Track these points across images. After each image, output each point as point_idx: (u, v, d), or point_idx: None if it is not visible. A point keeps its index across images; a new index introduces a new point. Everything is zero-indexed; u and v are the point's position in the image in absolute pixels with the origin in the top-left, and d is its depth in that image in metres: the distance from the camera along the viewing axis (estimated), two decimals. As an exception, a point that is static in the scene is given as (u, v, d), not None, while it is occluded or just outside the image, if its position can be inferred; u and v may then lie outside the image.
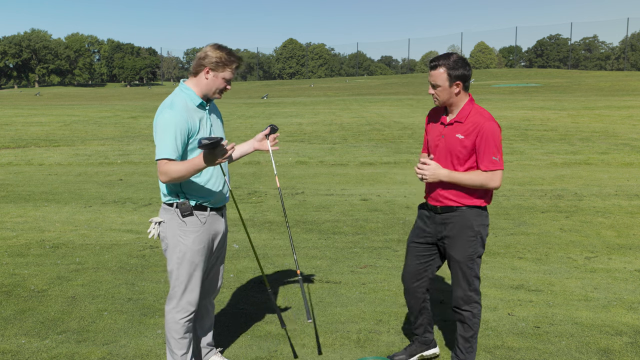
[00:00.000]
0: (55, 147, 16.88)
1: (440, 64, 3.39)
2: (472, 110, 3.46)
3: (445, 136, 3.51)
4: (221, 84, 3.37)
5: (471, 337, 3.62)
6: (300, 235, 7.08)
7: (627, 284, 5.32)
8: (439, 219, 3.60)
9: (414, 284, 3.79)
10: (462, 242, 3.52)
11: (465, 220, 3.51)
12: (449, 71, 3.37)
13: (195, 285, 3.47)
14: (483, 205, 3.55)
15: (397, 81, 68.35)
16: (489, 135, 3.38)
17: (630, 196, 9.16)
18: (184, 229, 3.40)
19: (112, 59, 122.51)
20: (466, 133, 3.42)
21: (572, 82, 53.63)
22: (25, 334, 4.35)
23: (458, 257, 3.54)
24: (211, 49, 3.34)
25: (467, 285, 3.57)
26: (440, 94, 3.44)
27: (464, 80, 3.42)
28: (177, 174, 3.20)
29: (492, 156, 3.40)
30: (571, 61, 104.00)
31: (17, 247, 6.59)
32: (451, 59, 3.39)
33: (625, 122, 20.81)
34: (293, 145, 16.65)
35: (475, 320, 3.60)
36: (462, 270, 3.56)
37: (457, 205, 3.51)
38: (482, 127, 3.38)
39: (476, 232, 3.53)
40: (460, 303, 3.59)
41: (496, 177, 3.43)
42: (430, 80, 3.45)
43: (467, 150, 3.43)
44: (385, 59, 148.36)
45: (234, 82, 37.34)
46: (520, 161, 13.24)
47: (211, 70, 3.33)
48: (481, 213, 3.55)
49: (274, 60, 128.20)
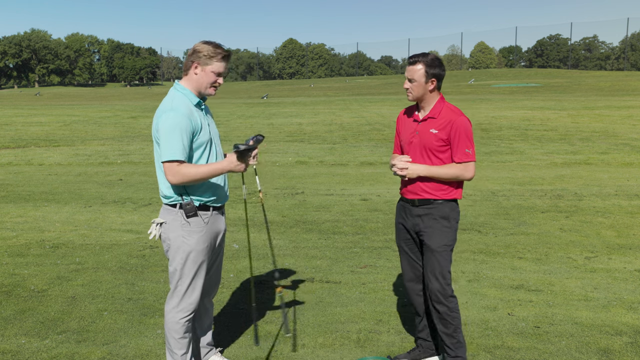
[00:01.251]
0: (55, 147, 16.88)
1: (419, 60, 3.58)
2: (444, 107, 3.63)
3: (420, 132, 3.64)
4: (211, 78, 3.38)
5: (454, 332, 3.66)
6: (300, 235, 7.08)
7: (627, 284, 5.32)
8: (415, 211, 3.70)
9: (413, 285, 3.86)
10: (438, 231, 3.64)
11: (441, 212, 3.65)
12: (426, 68, 3.56)
13: (197, 285, 3.49)
14: (458, 198, 3.71)
15: (397, 81, 68.32)
16: (461, 130, 3.54)
17: (630, 196, 9.16)
18: (188, 229, 3.41)
19: (112, 59, 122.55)
20: (440, 127, 3.57)
21: (572, 82, 53.63)
22: (25, 334, 4.35)
23: (434, 246, 3.62)
24: (198, 44, 3.37)
25: (443, 278, 3.64)
26: (415, 88, 3.60)
27: (439, 79, 3.61)
28: (195, 177, 3.25)
29: (465, 148, 3.56)
30: (571, 61, 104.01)
31: (17, 247, 6.59)
32: (429, 57, 3.60)
33: (625, 122, 20.81)
34: (293, 145, 16.65)
35: (453, 315, 3.65)
36: (437, 261, 3.63)
37: (434, 199, 3.63)
38: (455, 122, 3.54)
39: (451, 224, 3.67)
40: (438, 297, 3.64)
41: (469, 168, 3.58)
42: (407, 75, 3.63)
43: (442, 143, 3.58)
44: (385, 59, 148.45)
45: (234, 82, 37.05)
46: (520, 161, 13.25)
47: (199, 65, 3.35)
48: (455, 207, 3.71)
49: (274, 60, 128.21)
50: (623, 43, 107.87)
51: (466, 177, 3.59)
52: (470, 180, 3.61)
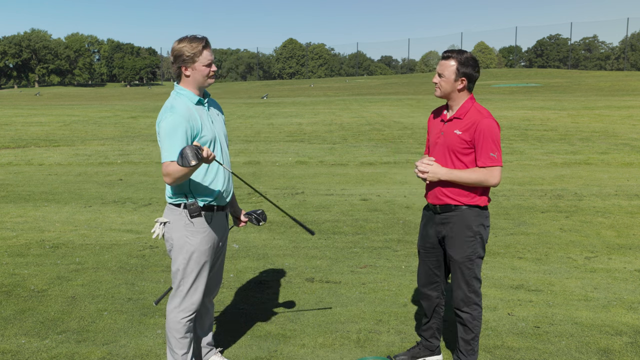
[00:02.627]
0: (55, 147, 16.88)
1: (453, 56, 3.45)
2: (472, 108, 3.48)
3: (445, 133, 3.53)
4: (204, 71, 3.35)
5: (472, 340, 3.61)
6: (300, 235, 7.08)
7: (627, 284, 5.32)
8: (438, 219, 3.61)
9: (427, 289, 3.83)
10: (460, 242, 3.52)
11: (464, 220, 3.50)
12: (458, 65, 3.42)
13: (200, 285, 3.49)
14: (483, 205, 3.54)
15: (397, 81, 68.34)
16: (486, 132, 3.38)
17: (630, 196, 9.16)
18: (192, 229, 3.41)
19: (112, 59, 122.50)
20: (464, 129, 3.43)
21: (572, 82, 53.63)
22: (25, 334, 4.35)
23: (457, 257, 3.54)
24: (175, 48, 3.32)
25: (467, 286, 3.56)
26: (444, 84, 3.48)
27: (470, 80, 3.46)
28: (177, 174, 3.21)
29: (490, 152, 3.39)
30: (571, 61, 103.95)
31: (17, 247, 6.59)
32: (464, 55, 3.45)
33: (625, 122, 20.81)
34: (293, 145, 16.65)
35: (475, 323, 3.60)
36: (461, 271, 3.56)
37: (456, 204, 3.51)
38: (480, 124, 3.39)
39: (475, 233, 3.52)
40: (460, 304, 3.60)
41: (495, 174, 3.41)
42: (438, 69, 3.51)
43: (466, 145, 3.43)
44: (385, 59, 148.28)
45: (234, 82, 37.09)
46: (520, 161, 13.25)
47: (188, 66, 3.32)
48: (481, 213, 3.54)
49: (274, 60, 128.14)
50: (623, 43, 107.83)
51: (491, 183, 3.41)
52: (495, 186, 3.44)
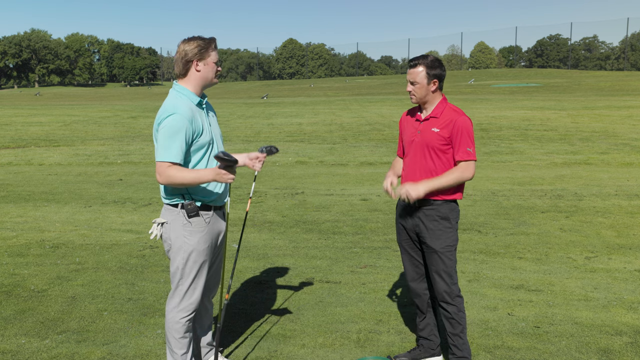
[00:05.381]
0: (55, 147, 16.88)
1: (420, 62, 3.62)
2: (446, 107, 3.67)
3: (422, 131, 3.68)
4: (213, 68, 3.43)
5: (461, 332, 3.69)
6: (300, 235, 7.08)
7: (627, 284, 5.32)
8: (414, 212, 3.71)
9: (416, 284, 3.88)
10: (440, 232, 3.65)
11: (441, 213, 3.66)
12: (427, 69, 3.61)
13: (199, 285, 3.49)
14: (459, 199, 3.73)
15: (397, 81, 68.31)
16: (463, 129, 3.58)
17: (630, 196, 9.16)
18: (189, 229, 3.41)
19: (112, 59, 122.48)
20: (442, 126, 3.62)
21: (572, 82, 53.62)
22: (25, 334, 4.35)
23: (437, 247, 3.64)
24: (185, 44, 3.36)
25: (449, 277, 3.66)
26: (418, 90, 3.65)
27: (440, 79, 3.65)
28: (180, 180, 3.24)
29: (466, 147, 3.59)
30: (571, 61, 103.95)
31: (17, 247, 6.59)
32: (429, 58, 3.65)
33: (625, 122, 20.81)
34: (293, 145, 16.65)
35: (461, 315, 3.68)
36: (442, 261, 3.65)
37: (434, 199, 3.65)
38: (457, 121, 3.59)
39: (452, 224, 3.68)
40: (444, 297, 3.66)
41: (470, 167, 3.59)
42: (409, 78, 3.67)
43: (444, 141, 3.60)
44: (385, 59, 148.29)
45: (234, 82, 37.17)
46: (520, 161, 13.25)
47: (199, 61, 3.36)
48: (455, 207, 3.71)
49: (274, 60, 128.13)
50: (623, 43, 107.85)
51: (467, 177, 3.60)
52: (470, 179, 3.62)
